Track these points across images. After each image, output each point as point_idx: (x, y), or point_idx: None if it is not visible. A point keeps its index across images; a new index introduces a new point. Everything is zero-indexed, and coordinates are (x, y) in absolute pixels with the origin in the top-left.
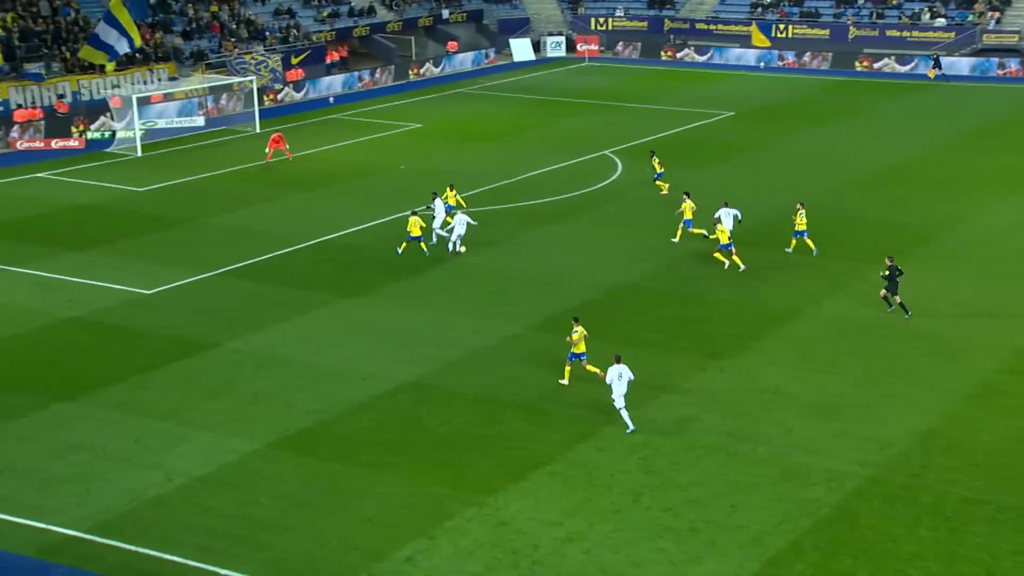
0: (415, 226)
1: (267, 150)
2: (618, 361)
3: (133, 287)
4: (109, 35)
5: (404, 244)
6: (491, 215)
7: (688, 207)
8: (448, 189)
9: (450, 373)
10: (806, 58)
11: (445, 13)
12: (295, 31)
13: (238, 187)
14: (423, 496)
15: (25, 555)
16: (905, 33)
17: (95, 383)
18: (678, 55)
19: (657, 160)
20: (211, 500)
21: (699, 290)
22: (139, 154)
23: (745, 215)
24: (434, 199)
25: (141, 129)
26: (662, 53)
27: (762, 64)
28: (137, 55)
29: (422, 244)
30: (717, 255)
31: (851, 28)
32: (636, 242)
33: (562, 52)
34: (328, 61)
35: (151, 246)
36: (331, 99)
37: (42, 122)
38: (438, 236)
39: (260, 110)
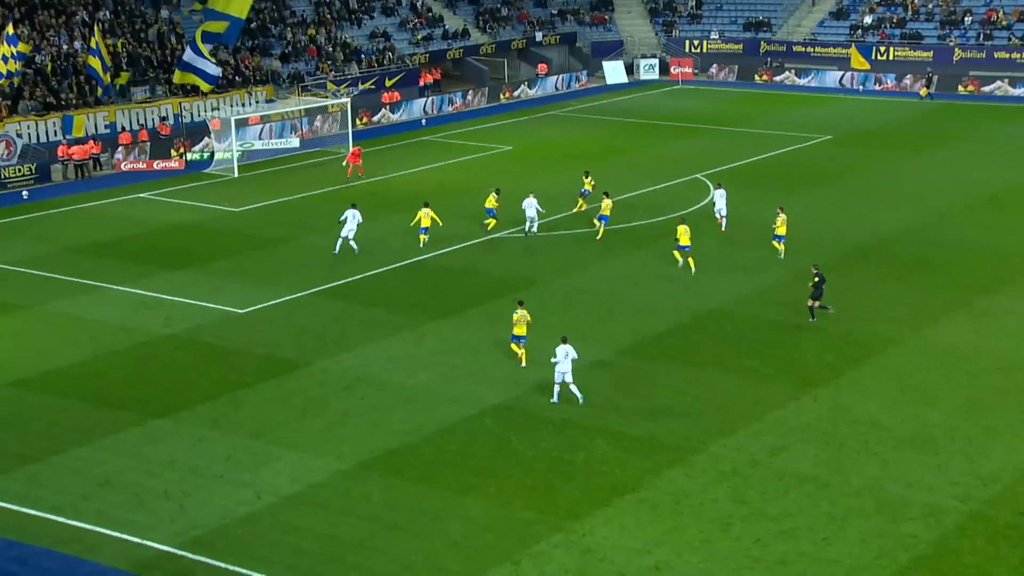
0: (427, 218)
1: (346, 164)
2: (564, 341)
3: (227, 306)
4: (197, 61)
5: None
6: (581, 237)
7: (606, 205)
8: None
9: (538, 396)
10: (907, 81)
11: (539, 36)
12: (390, 54)
13: (331, 207)
14: (509, 520)
15: (119, 569)
16: (1016, 55)
17: (189, 400)
18: (776, 77)
19: (589, 179)
20: (300, 519)
21: (793, 317)
22: (236, 175)
23: (843, 242)
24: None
25: (238, 150)
26: (756, 76)
27: (861, 87)
28: (236, 79)
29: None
30: (675, 253)
31: (956, 50)
32: (728, 266)
33: (655, 75)
34: (421, 83)
35: (245, 265)
36: (423, 121)
37: (147, 144)
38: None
39: (354, 131)
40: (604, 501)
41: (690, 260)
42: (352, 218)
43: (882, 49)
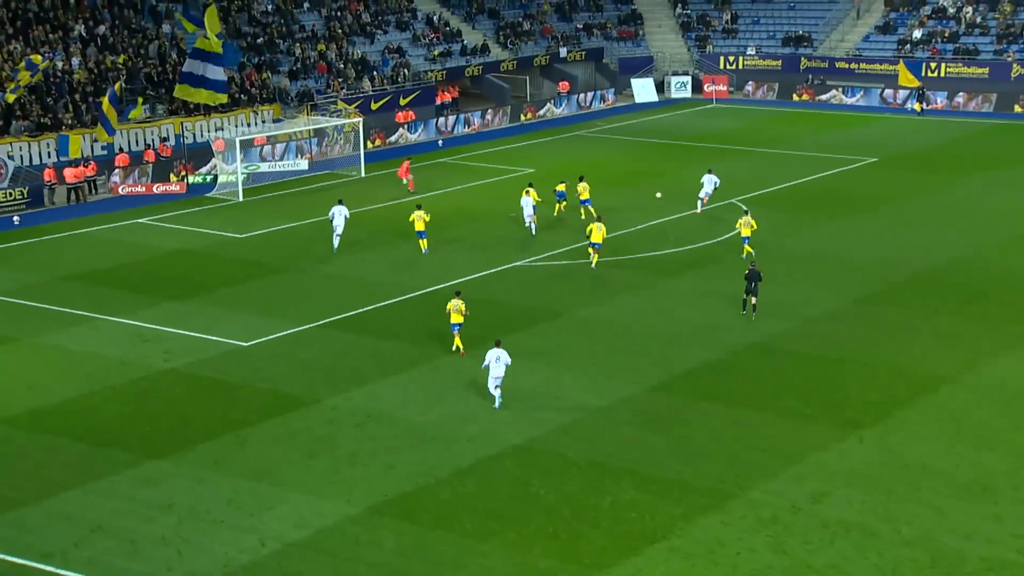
0: (420, 221)
1: (404, 180)
2: (497, 345)
3: (231, 338)
4: (202, 69)
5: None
6: (608, 266)
7: (533, 196)
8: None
9: (561, 436)
10: (959, 99)
11: (563, 51)
12: (405, 70)
13: (342, 234)
14: (529, 569)
15: None
16: None
17: (189, 439)
18: (819, 96)
19: (583, 185)
20: (306, 567)
21: (837, 352)
22: (240, 199)
23: (892, 272)
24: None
25: (244, 173)
26: (795, 94)
27: (909, 106)
28: (242, 97)
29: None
30: (591, 250)
31: (1015, 66)
32: (766, 298)
33: (687, 93)
34: (438, 102)
35: (250, 295)
36: (440, 142)
37: (149, 166)
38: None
39: (366, 153)
40: (632, 550)
41: (594, 257)
42: (339, 214)
43: (933, 65)
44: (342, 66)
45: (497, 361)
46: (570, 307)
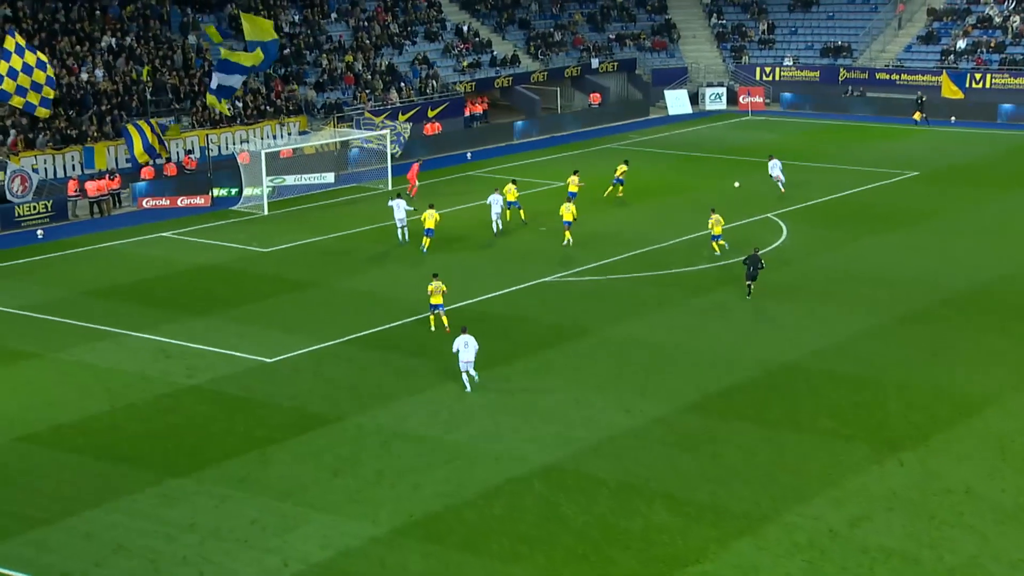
0: (430, 219)
1: (413, 185)
2: (464, 331)
3: (255, 355)
4: (227, 79)
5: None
6: (640, 282)
7: (511, 193)
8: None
9: (592, 457)
10: (1007, 110)
11: (595, 62)
12: (433, 82)
13: (368, 248)
14: None
15: None
16: None
17: (212, 457)
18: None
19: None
20: None
21: (875, 372)
22: (266, 212)
23: (934, 289)
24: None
25: (269, 186)
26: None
27: (953, 118)
28: (267, 108)
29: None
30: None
31: None
32: (802, 315)
33: (722, 105)
34: (467, 114)
35: (275, 310)
36: (468, 154)
37: (174, 179)
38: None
39: (393, 166)
40: (664, 574)
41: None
42: (398, 208)
43: (977, 76)
44: (369, 77)
45: (466, 347)
46: (600, 324)
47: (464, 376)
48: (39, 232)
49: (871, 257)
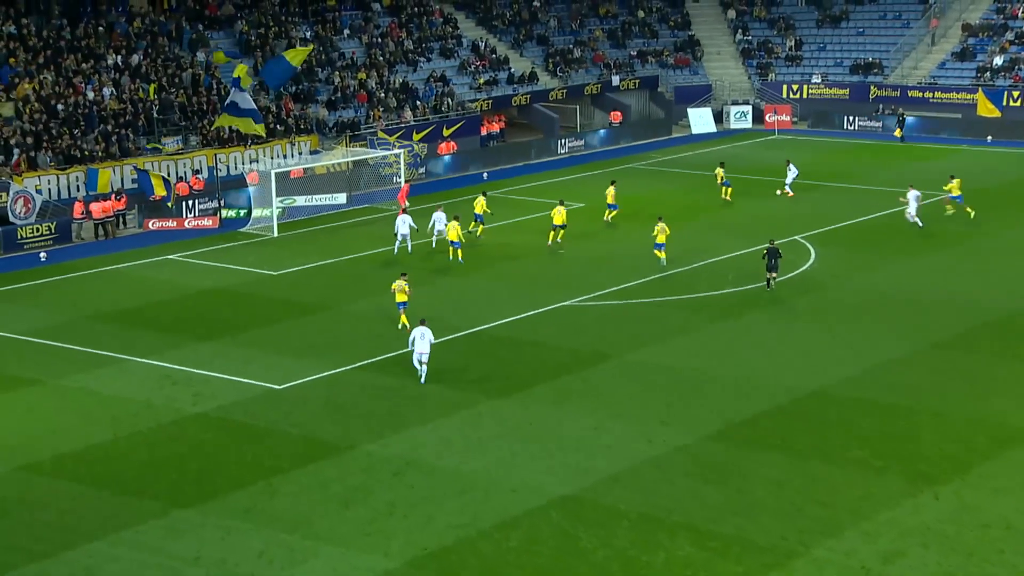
0: (452, 231)
1: (402, 204)
2: (423, 323)
3: (263, 381)
4: (246, 101)
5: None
6: (663, 307)
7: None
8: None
9: (611, 487)
10: None
11: (615, 80)
12: (448, 100)
13: (381, 271)
14: None
15: None
16: None
17: (219, 488)
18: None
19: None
20: None
21: (908, 400)
22: (275, 234)
23: (969, 314)
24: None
25: (279, 207)
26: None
27: (989, 137)
28: (278, 127)
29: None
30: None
31: None
32: (832, 341)
33: (748, 123)
34: (483, 133)
35: (284, 335)
36: (484, 174)
37: (189, 200)
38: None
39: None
40: None
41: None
42: (439, 221)
43: (1015, 94)
44: (383, 95)
45: (422, 338)
46: (620, 350)
47: (417, 366)
48: (42, 255)
49: (904, 280)
